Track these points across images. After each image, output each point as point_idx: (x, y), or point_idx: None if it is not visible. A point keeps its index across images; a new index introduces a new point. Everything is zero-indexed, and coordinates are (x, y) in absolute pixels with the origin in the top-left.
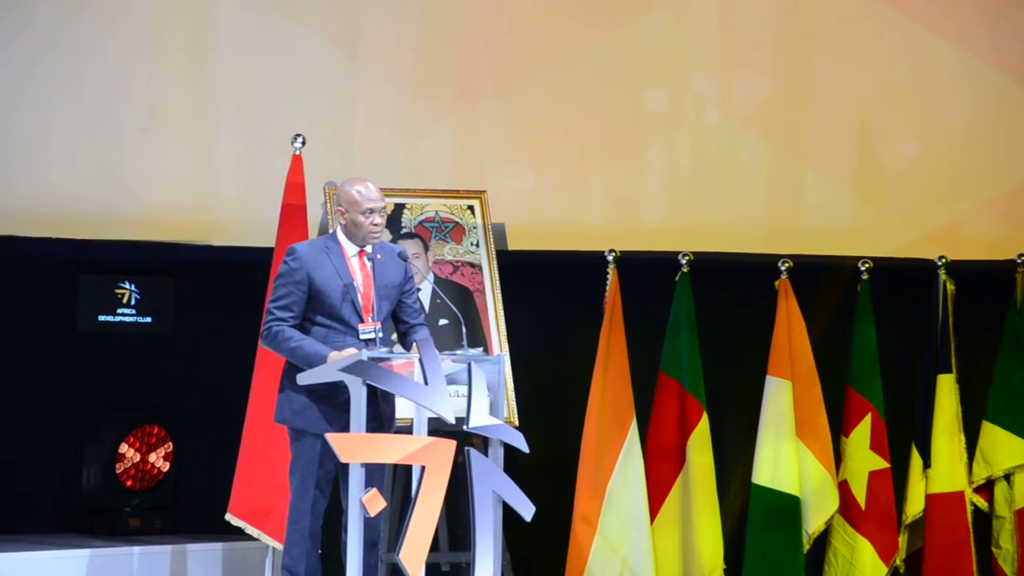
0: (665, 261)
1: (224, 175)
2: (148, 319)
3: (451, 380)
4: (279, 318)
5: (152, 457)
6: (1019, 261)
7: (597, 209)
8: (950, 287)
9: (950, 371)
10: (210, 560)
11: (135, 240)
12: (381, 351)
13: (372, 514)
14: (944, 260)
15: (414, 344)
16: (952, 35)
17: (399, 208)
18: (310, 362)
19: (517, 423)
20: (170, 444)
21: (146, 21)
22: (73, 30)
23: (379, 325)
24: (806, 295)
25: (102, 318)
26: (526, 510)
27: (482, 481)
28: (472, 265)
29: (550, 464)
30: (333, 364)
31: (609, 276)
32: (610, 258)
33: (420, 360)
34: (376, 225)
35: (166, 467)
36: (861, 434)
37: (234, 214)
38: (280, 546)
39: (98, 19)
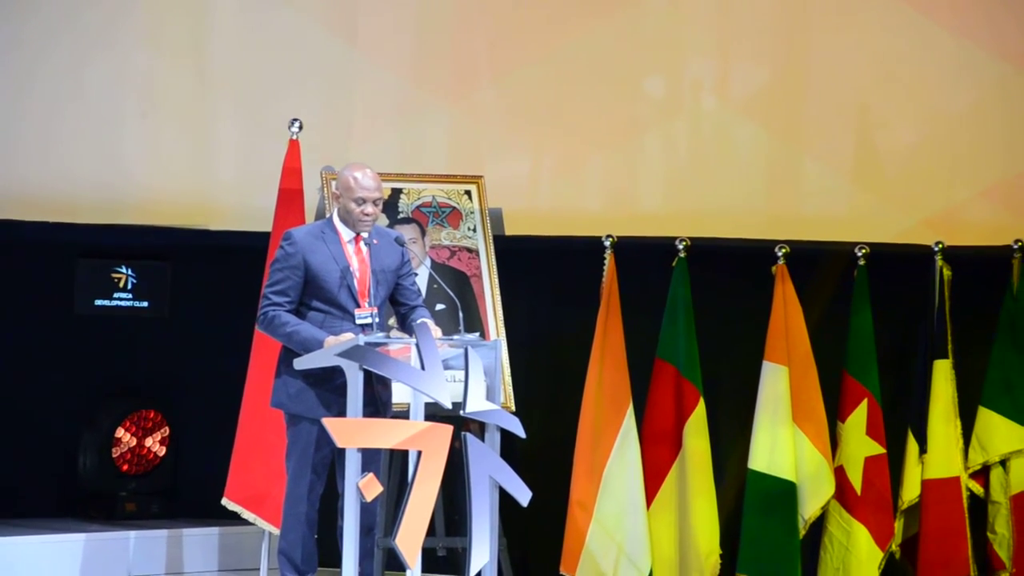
0: (662, 246)
1: (222, 160)
2: (145, 304)
3: (448, 365)
4: (275, 303)
5: (148, 442)
6: (1015, 247)
7: (594, 195)
8: (947, 273)
9: (946, 357)
10: (206, 544)
11: (133, 225)
12: (378, 336)
13: (368, 499)
14: (941, 246)
15: (413, 325)
16: (950, 22)
17: (396, 193)
18: (307, 347)
19: (514, 408)
20: (166, 429)
21: (146, 8)
22: (74, 18)
23: (375, 310)
24: (803, 281)
25: (99, 302)
26: (522, 495)
27: (478, 466)
28: (469, 250)
29: (546, 449)
30: (330, 349)
31: (606, 261)
32: (607, 243)
33: (417, 345)
34: (367, 215)
35: (162, 452)
36: (857, 419)
37: (231, 199)
38: (276, 531)
39: (99, 7)
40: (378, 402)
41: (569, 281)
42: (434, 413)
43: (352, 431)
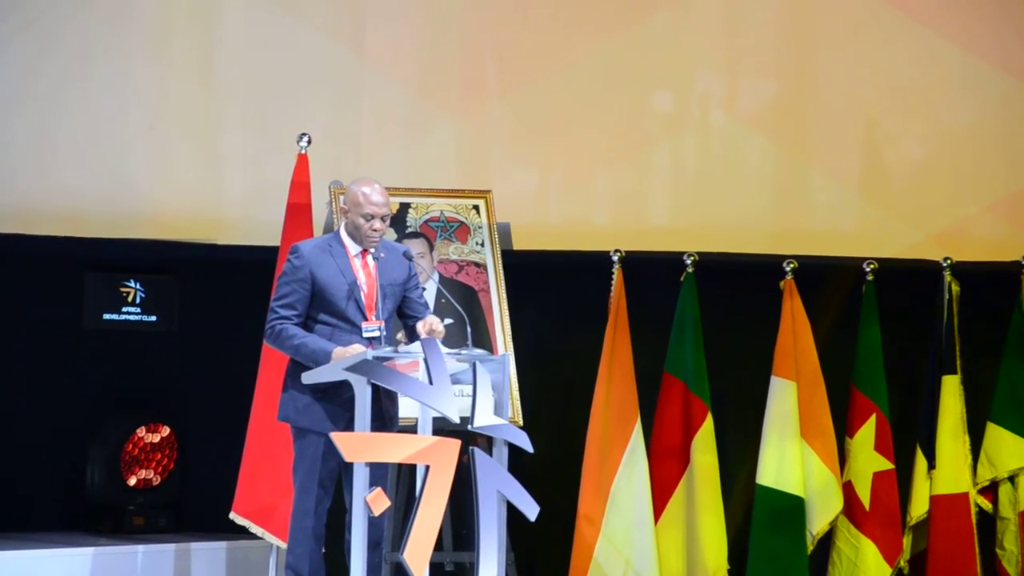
0: (670, 261)
1: (230, 174)
2: (153, 318)
3: (456, 380)
4: (282, 316)
5: (156, 456)
6: None
7: (602, 209)
8: (955, 288)
9: (955, 372)
10: (214, 559)
11: (140, 239)
12: (386, 350)
13: (376, 513)
14: (949, 261)
15: (418, 343)
16: (959, 37)
17: (404, 207)
18: (315, 359)
19: (521, 423)
20: (174, 443)
21: (152, 19)
22: (79, 28)
23: (383, 323)
24: (811, 296)
25: (107, 316)
26: (530, 510)
27: (486, 481)
28: (477, 265)
29: (554, 464)
30: (338, 363)
31: (614, 276)
32: (615, 258)
33: (425, 359)
34: (375, 231)
35: (170, 466)
36: (866, 435)
37: (239, 213)
38: (284, 545)
39: (104, 17)
40: (385, 416)
41: (577, 296)
42: (442, 428)
43: (360, 445)
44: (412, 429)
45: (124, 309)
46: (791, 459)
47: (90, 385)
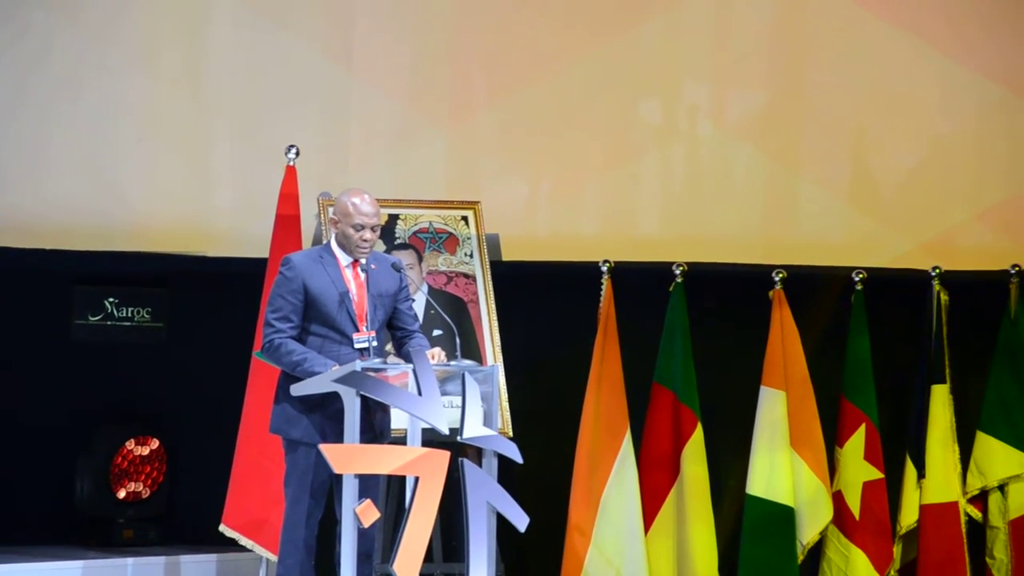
0: (659, 271)
1: (218, 186)
2: (142, 330)
3: (445, 391)
4: (279, 329)
5: (146, 468)
6: (1012, 272)
7: (591, 220)
8: (944, 297)
9: (944, 381)
10: (204, 571)
11: (130, 251)
12: (375, 362)
13: (366, 525)
14: (938, 270)
15: (410, 351)
16: (947, 46)
17: (393, 219)
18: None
19: (511, 434)
20: (164, 455)
21: (141, 33)
22: (68, 42)
23: (373, 334)
24: (800, 305)
25: (96, 329)
26: (520, 521)
27: (476, 492)
28: (466, 276)
29: (544, 474)
30: (327, 375)
31: (603, 286)
32: (604, 268)
33: (414, 371)
34: (365, 240)
35: (160, 478)
36: (855, 444)
37: (228, 225)
38: (274, 557)
39: (93, 31)
40: (375, 428)
41: (566, 306)
42: (431, 439)
43: (348, 457)
44: (402, 440)
45: (113, 322)
46: (781, 469)
47: (79, 397)
